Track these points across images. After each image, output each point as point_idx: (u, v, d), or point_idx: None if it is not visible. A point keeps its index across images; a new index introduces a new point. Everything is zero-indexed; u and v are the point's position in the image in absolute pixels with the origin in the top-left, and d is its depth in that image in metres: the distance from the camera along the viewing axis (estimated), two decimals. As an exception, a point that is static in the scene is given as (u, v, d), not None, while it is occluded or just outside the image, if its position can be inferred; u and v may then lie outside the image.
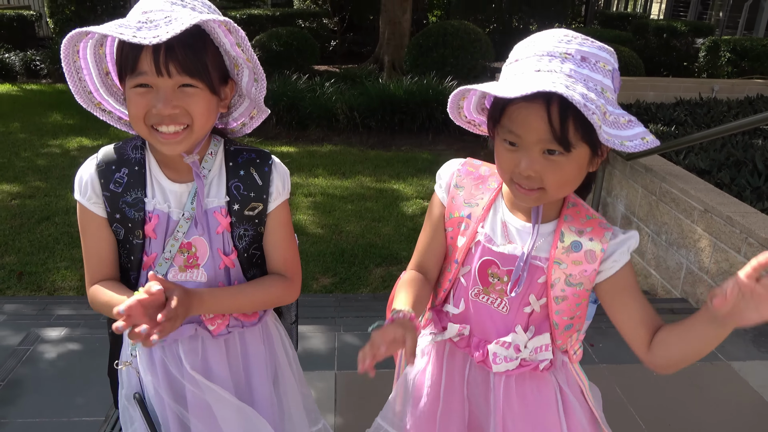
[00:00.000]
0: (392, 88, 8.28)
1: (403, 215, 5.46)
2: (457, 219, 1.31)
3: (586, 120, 1.00)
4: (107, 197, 1.29)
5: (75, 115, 8.41)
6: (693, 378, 2.77)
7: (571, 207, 1.25)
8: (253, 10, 13.33)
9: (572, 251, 1.21)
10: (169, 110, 1.14)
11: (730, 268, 3.41)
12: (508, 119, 1.09)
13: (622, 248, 1.20)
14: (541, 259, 1.23)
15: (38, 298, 3.86)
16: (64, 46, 1.16)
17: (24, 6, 15.51)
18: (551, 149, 1.07)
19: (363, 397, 2.55)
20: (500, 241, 1.25)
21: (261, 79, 1.26)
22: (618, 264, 1.21)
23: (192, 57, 1.13)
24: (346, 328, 3.05)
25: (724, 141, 5.19)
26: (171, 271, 1.32)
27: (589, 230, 1.21)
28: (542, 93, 0.99)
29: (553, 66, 1.05)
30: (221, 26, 1.14)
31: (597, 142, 1.07)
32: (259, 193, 1.34)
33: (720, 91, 7.63)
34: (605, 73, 1.07)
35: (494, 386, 1.32)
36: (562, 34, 1.09)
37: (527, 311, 1.27)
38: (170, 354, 1.37)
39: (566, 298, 1.23)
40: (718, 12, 17.69)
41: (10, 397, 2.45)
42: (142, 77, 1.13)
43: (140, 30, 1.06)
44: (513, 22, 13.42)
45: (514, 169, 1.11)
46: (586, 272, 1.21)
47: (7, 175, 6.11)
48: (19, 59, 11.40)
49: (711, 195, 3.68)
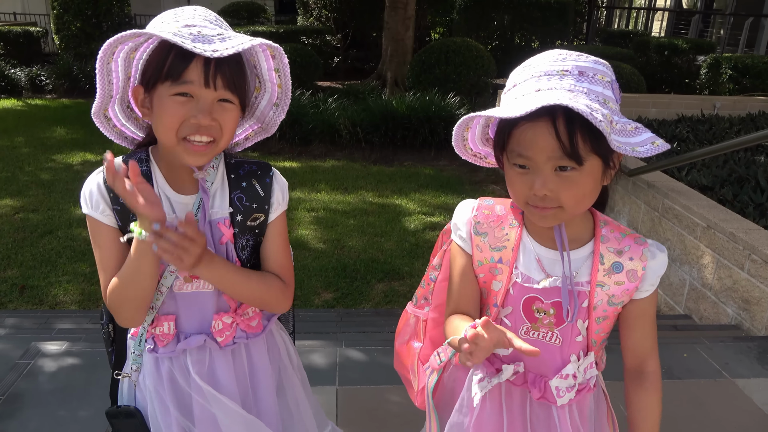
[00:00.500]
0: (395, 104, 8.32)
1: (405, 230, 5.46)
2: (488, 265, 1.28)
3: (594, 131, 1.00)
4: (117, 210, 1.29)
5: (79, 130, 8.47)
6: (697, 395, 2.75)
7: (605, 226, 1.23)
8: (257, 27, 13.43)
9: (614, 272, 1.21)
10: (208, 121, 1.17)
11: (733, 285, 3.40)
12: (516, 143, 1.09)
13: (659, 272, 1.22)
14: (582, 284, 1.22)
15: (40, 311, 3.86)
16: (109, 44, 1.15)
17: (30, 23, 15.68)
18: (563, 166, 1.06)
19: (364, 413, 2.54)
20: (538, 276, 1.23)
21: (283, 105, 1.30)
22: (652, 289, 1.24)
23: (237, 74, 1.20)
24: (347, 344, 3.03)
25: (727, 157, 5.19)
26: (176, 282, 1.32)
27: (627, 249, 1.21)
28: (546, 110, 1.00)
29: (552, 84, 1.05)
30: (266, 51, 1.20)
31: (608, 152, 1.07)
32: (261, 203, 1.36)
33: (722, 108, 7.65)
34: (604, 85, 1.08)
35: (559, 419, 1.28)
36: (557, 53, 1.11)
37: (579, 340, 1.26)
38: (177, 365, 1.37)
39: (607, 317, 1.25)
40: (719, 30, 17.80)
41: (10, 411, 2.44)
42: (186, 86, 1.16)
43: (195, 42, 1.10)
44: (515, 39, 13.52)
45: (528, 192, 1.10)
46: (628, 291, 1.22)
47: (10, 189, 6.13)
48: (25, 75, 11.50)
49: (714, 211, 3.67)
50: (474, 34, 12.63)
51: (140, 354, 1.38)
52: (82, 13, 11.86)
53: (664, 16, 19.94)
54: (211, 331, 1.35)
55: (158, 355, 1.36)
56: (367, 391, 2.67)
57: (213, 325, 1.35)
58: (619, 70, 9.28)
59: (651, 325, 1.27)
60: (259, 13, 16.04)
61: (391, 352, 2.98)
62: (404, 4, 11.14)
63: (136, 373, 1.40)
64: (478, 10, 13.33)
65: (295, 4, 16.80)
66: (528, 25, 13.41)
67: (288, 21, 17.16)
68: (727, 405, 2.70)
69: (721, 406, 2.70)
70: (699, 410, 2.66)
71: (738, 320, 3.40)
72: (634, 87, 9.12)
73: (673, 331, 3.51)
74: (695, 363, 3.01)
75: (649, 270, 1.20)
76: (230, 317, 1.36)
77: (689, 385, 2.83)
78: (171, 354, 1.35)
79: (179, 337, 1.36)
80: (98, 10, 11.91)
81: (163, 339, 1.35)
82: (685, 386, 2.82)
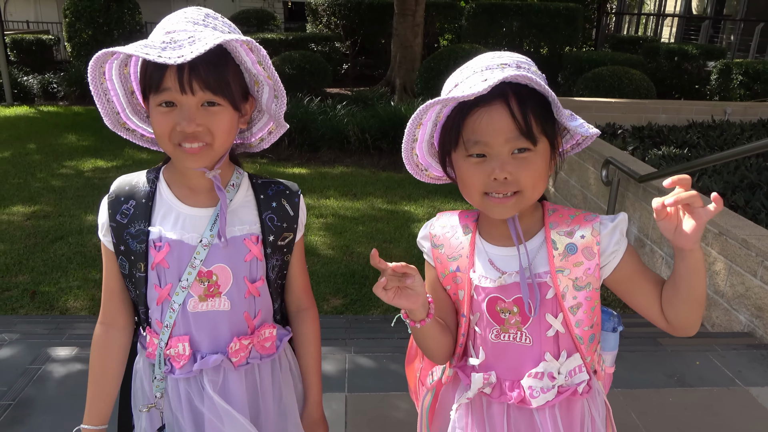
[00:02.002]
0: (403, 111, 8.33)
1: (414, 236, 5.45)
2: (450, 275, 1.30)
3: (543, 112, 1.10)
4: (113, 228, 1.30)
5: (90, 137, 8.53)
6: (710, 403, 2.72)
7: (553, 213, 1.24)
8: (267, 35, 13.50)
9: (569, 254, 1.19)
10: (192, 128, 1.16)
11: (746, 292, 3.37)
12: (471, 131, 1.12)
13: (616, 236, 1.19)
14: (541, 274, 1.20)
15: (51, 317, 3.88)
16: (91, 68, 1.18)
17: (43, 31, 15.87)
18: (521, 147, 1.11)
19: (374, 420, 2.53)
20: (493, 276, 1.23)
21: (281, 96, 1.28)
22: (618, 252, 1.19)
23: (214, 74, 1.16)
24: (356, 350, 3.03)
25: (738, 163, 5.15)
26: (190, 302, 1.29)
27: (578, 228, 1.20)
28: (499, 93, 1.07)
29: (495, 74, 1.08)
30: (243, 45, 1.17)
31: (553, 134, 1.15)
32: (291, 223, 1.37)
33: (733, 113, 7.60)
34: (540, 77, 1.12)
35: (541, 423, 1.26)
36: (492, 53, 1.16)
37: (551, 335, 1.23)
38: (194, 386, 1.34)
39: (580, 304, 1.21)
40: (730, 35, 17.73)
41: (20, 416, 2.45)
42: (166, 94, 1.15)
43: (165, 50, 1.09)
44: (524, 45, 13.49)
45: (488, 180, 1.12)
46: (589, 270, 1.19)
47: (22, 196, 6.18)
48: (37, 82, 11.62)
49: (725, 218, 3.64)
50: (483, 41, 12.63)
51: (162, 378, 1.33)
52: (94, 21, 11.98)
53: (673, 22, 19.88)
54: (227, 350, 1.33)
55: (175, 376, 1.32)
56: (376, 398, 2.66)
57: (231, 345, 1.32)
58: (629, 75, 9.25)
59: (650, 274, 1.21)
60: (268, 21, 16.16)
61: (400, 359, 2.97)
62: (413, 11, 11.17)
63: (161, 401, 1.35)
64: (487, 16, 13.33)
65: (304, 12, 16.90)
66: (537, 31, 13.39)
67: (297, 28, 17.25)
68: (740, 413, 2.67)
69: (734, 414, 2.66)
70: (712, 418, 2.63)
71: (751, 327, 3.36)
72: (644, 93, 9.08)
73: (685, 338, 3.47)
74: (708, 371, 2.98)
75: (603, 241, 1.18)
76: (248, 340, 1.34)
77: (702, 393, 2.80)
78: (188, 374, 1.31)
79: (195, 357, 1.32)
80: (109, 18, 12.03)
81: (179, 360, 1.31)
82: (697, 394, 2.79)
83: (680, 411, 2.65)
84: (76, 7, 12.00)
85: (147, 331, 1.34)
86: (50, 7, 17.80)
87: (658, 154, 5.78)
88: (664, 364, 3.03)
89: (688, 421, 2.59)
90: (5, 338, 3.05)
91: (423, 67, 10.43)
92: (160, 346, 1.31)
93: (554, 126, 1.16)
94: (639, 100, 8.31)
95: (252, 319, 1.36)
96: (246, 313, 1.34)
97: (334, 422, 2.47)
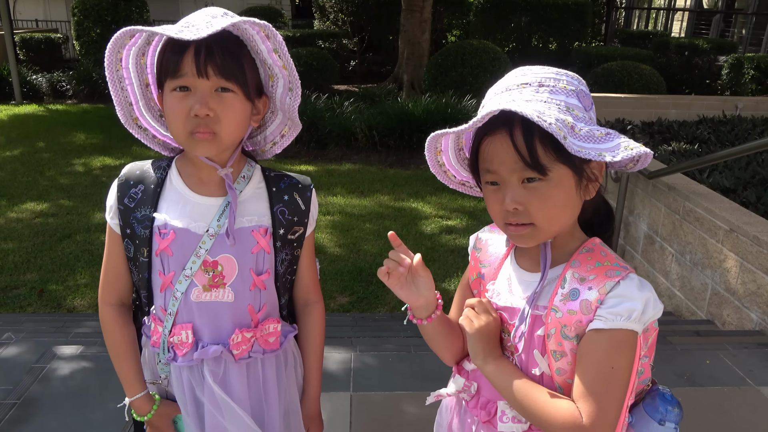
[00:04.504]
0: (411, 107, 8.30)
1: (421, 234, 5.43)
2: (477, 280, 1.30)
3: (555, 139, 0.98)
4: (120, 210, 1.31)
5: (98, 135, 8.56)
6: (720, 403, 2.68)
7: (585, 252, 1.11)
8: (274, 31, 13.53)
9: (570, 299, 1.07)
10: (204, 110, 1.17)
11: (757, 290, 3.32)
12: (482, 159, 1.09)
13: (620, 307, 1.02)
14: (540, 308, 1.12)
15: (58, 315, 3.89)
16: (109, 51, 1.20)
17: (52, 29, 15.95)
18: (529, 177, 1.04)
19: (379, 419, 2.51)
20: (506, 295, 1.19)
21: (296, 88, 1.28)
22: (604, 323, 1.02)
23: (229, 60, 1.18)
24: (362, 348, 3.01)
25: (750, 159, 5.09)
26: (194, 291, 1.29)
27: (592, 278, 1.06)
28: (503, 122, 1.02)
29: (512, 97, 1.05)
30: (260, 32, 1.18)
31: (578, 161, 1.04)
32: (302, 217, 1.38)
33: (744, 108, 7.52)
34: (568, 93, 1.06)
35: None
36: (522, 69, 1.11)
37: (536, 373, 1.13)
38: (197, 375, 1.35)
39: (564, 354, 1.08)
40: (741, 29, 17.53)
41: (26, 415, 2.45)
42: (183, 78, 1.17)
43: (182, 32, 1.12)
44: (532, 41, 13.43)
45: (501, 209, 1.08)
46: (581, 323, 1.05)
47: (31, 194, 6.21)
48: (46, 80, 11.70)
49: (737, 214, 3.59)
50: (491, 37, 12.57)
51: (167, 363, 1.35)
52: (102, 20, 12.01)
53: (684, 17, 19.69)
54: (228, 342, 1.32)
55: (178, 364, 1.33)
56: (382, 397, 2.64)
57: (232, 337, 1.32)
58: (638, 71, 9.18)
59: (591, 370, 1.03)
60: (276, 18, 16.13)
61: (406, 358, 2.96)
62: (420, 7, 11.12)
63: (167, 381, 1.38)
64: (495, 12, 13.27)
65: (311, 9, 16.89)
66: (545, 26, 13.31)
67: (305, 25, 17.25)
68: (752, 413, 2.63)
69: (745, 414, 2.62)
70: (722, 418, 2.59)
71: (763, 326, 3.31)
72: (654, 88, 9.01)
73: (695, 336, 3.43)
74: (718, 370, 2.94)
75: (606, 303, 1.03)
76: (251, 332, 1.34)
77: (712, 392, 2.76)
78: (190, 363, 1.32)
79: (197, 346, 1.33)
80: (117, 16, 12.05)
81: (182, 347, 1.32)
82: (708, 393, 2.75)
83: (690, 411, 2.61)
84: (85, 6, 12.04)
85: (152, 318, 1.35)
86: (59, 5, 17.89)
87: (669, 150, 5.73)
88: (673, 363, 2.99)
89: (697, 421, 2.55)
90: (11, 337, 3.06)
91: (431, 63, 10.39)
92: (164, 333, 1.32)
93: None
94: (649, 96, 8.25)
95: (256, 312, 1.35)
96: (250, 306, 1.34)
97: (338, 422, 2.46)
